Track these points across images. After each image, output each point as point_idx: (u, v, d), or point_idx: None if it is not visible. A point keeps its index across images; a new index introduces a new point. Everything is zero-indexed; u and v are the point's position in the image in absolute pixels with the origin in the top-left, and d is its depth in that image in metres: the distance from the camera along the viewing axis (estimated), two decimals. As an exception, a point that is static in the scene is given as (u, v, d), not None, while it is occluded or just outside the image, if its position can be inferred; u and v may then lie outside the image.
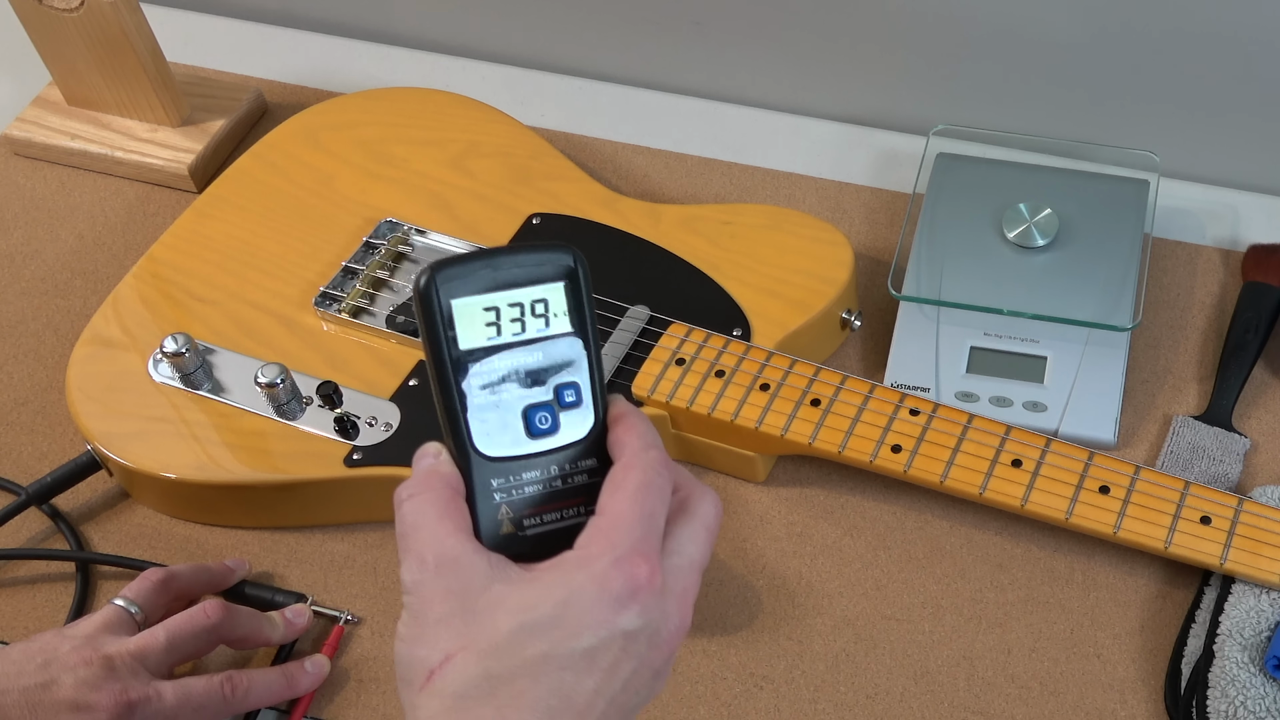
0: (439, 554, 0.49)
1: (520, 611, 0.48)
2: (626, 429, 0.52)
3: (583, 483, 0.52)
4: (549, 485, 0.52)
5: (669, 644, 0.49)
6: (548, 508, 0.52)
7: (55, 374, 0.91)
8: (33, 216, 1.01)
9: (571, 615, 0.47)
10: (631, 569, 0.48)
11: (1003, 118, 1.01)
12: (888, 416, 0.79)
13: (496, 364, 0.51)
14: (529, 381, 0.51)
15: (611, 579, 0.48)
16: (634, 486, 0.50)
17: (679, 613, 0.50)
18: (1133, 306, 0.85)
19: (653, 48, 1.07)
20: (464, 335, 0.50)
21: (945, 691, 0.75)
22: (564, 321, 0.52)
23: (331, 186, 0.95)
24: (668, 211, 0.91)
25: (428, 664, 0.48)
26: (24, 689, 0.66)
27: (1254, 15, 0.90)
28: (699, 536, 0.51)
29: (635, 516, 0.49)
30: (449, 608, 0.48)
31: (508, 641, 0.47)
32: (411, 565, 0.50)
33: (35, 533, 0.84)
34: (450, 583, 0.49)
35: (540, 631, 0.47)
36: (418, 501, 0.51)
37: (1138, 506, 0.75)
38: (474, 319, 0.50)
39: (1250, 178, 0.98)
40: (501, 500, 0.51)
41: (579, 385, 0.52)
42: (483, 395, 0.51)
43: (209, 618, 0.72)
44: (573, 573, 0.48)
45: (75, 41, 0.98)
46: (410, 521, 0.50)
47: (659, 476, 0.50)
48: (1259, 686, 0.70)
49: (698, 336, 0.83)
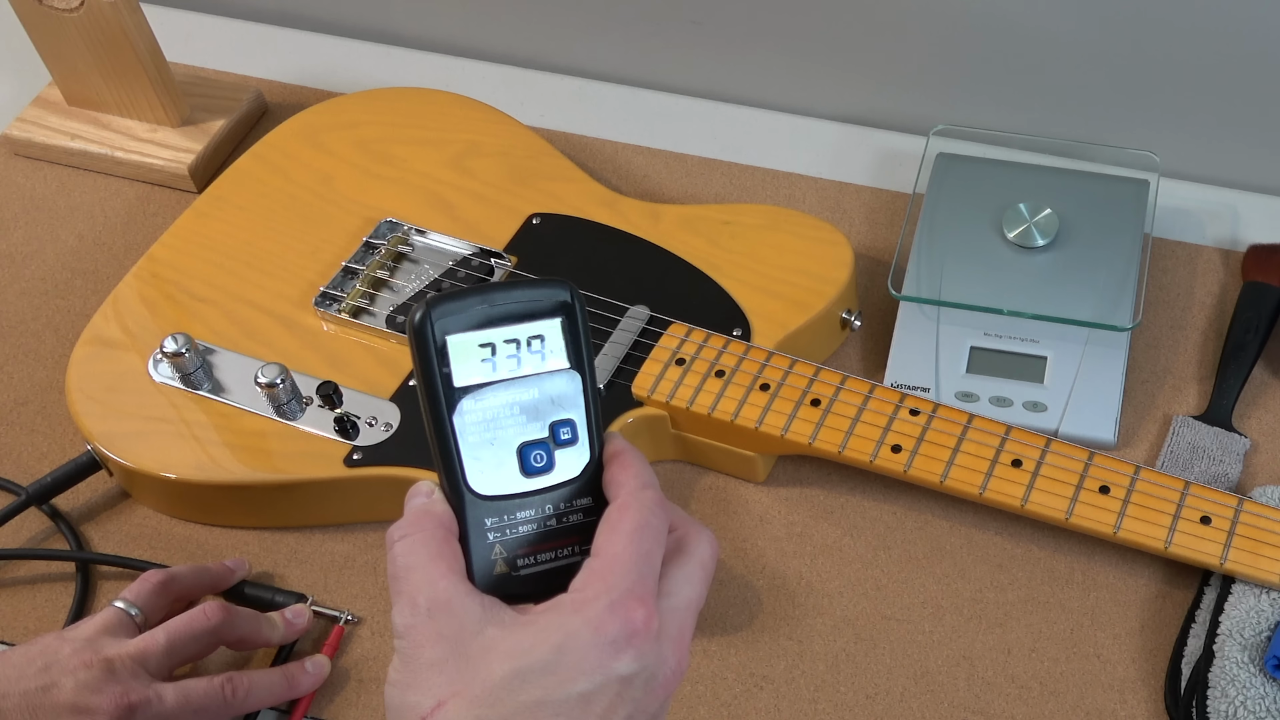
0: (431, 597, 0.48)
1: (514, 657, 0.47)
2: (622, 467, 0.51)
3: (578, 522, 0.51)
4: (544, 525, 0.51)
5: (665, 687, 0.49)
6: (542, 547, 0.51)
7: (55, 374, 0.91)
8: (33, 216, 1.01)
9: (566, 661, 0.46)
10: (627, 613, 0.47)
11: (1003, 118, 1.01)
12: (888, 416, 0.79)
13: (491, 400, 0.50)
14: (524, 418, 0.50)
15: (607, 623, 0.47)
16: (630, 528, 0.49)
17: (675, 655, 0.49)
18: (1133, 306, 0.85)
19: (653, 48, 1.07)
20: (459, 371, 0.49)
21: (945, 691, 0.75)
22: (560, 357, 0.51)
23: (331, 186, 0.95)
24: (668, 211, 0.91)
25: (419, 710, 0.47)
26: (24, 692, 0.66)
27: (1254, 15, 0.90)
28: (694, 577, 0.50)
29: (631, 559, 0.48)
30: (441, 652, 0.48)
31: (501, 687, 0.46)
32: (404, 609, 0.49)
33: (35, 533, 0.84)
34: (443, 627, 0.48)
35: (534, 678, 0.46)
36: (410, 542, 0.50)
37: (1138, 506, 0.75)
38: (469, 355, 0.49)
39: (1250, 178, 0.98)
40: (495, 540, 0.50)
41: (575, 422, 0.51)
42: (477, 432, 0.50)
43: (209, 619, 0.72)
44: (568, 617, 0.47)
45: (75, 41, 0.98)
46: (402, 563, 0.50)
47: (655, 517, 0.50)
48: (1259, 686, 0.70)
49: (698, 336, 0.83)
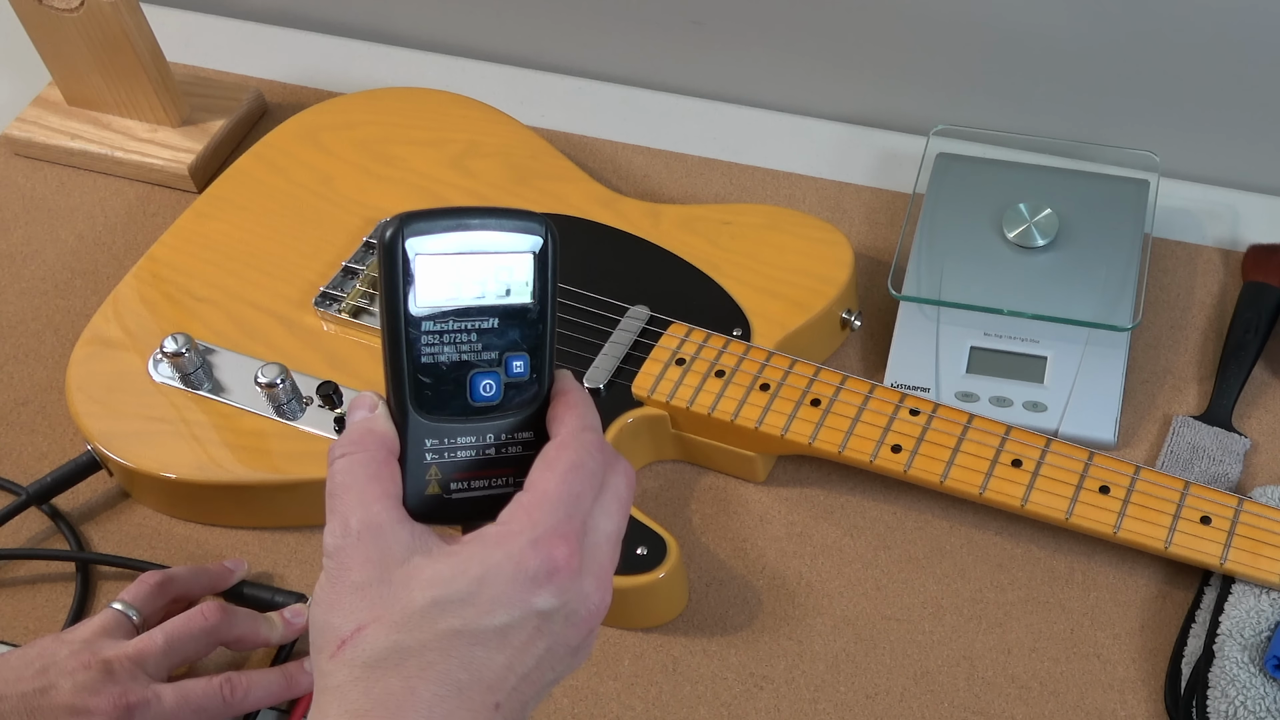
0: (363, 519, 0.49)
1: (435, 585, 0.48)
2: (568, 406, 0.52)
3: (516, 454, 0.52)
4: (482, 452, 0.51)
5: (587, 622, 0.50)
6: (478, 474, 0.51)
7: (55, 374, 0.91)
8: (33, 216, 1.01)
9: (486, 593, 0.47)
10: (550, 550, 0.48)
11: (1003, 118, 1.01)
12: (888, 416, 0.79)
13: (451, 324, 0.50)
14: (480, 346, 0.51)
15: (529, 559, 0.48)
16: (565, 466, 0.50)
17: (597, 591, 0.50)
18: (1133, 306, 0.85)
19: (653, 48, 1.07)
20: (423, 291, 0.49)
21: (945, 691, 0.75)
22: (525, 293, 0.51)
23: (331, 186, 0.95)
24: (668, 211, 0.91)
25: (340, 632, 0.48)
26: (22, 694, 0.66)
27: (1254, 15, 0.90)
28: (611, 509, 0.51)
29: (560, 496, 0.49)
30: (366, 575, 0.48)
31: (421, 615, 0.47)
32: (335, 528, 0.50)
33: (35, 533, 0.84)
34: (370, 551, 0.49)
35: (453, 607, 0.47)
36: (349, 461, 0.50)
37: (1138, 506, 0.75)
38: (435, 276, 0.49)
39: (1250, 178, 0.98)
40: (433, 460, 0.51)
41: (528, 358, 0.51)
42: (431, 354, 0.50)
43: (207, 619, 0.72)
44: (491, 549, 0.48)
45: (75, 41, 0.98)
46: (340, 480, 0.50)
47: (591, 459, 0.50)
48: (1259, 686, 0.70)
49: (698, 336, 0.83)
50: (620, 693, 0.76)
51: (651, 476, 0.84)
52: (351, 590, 0.49)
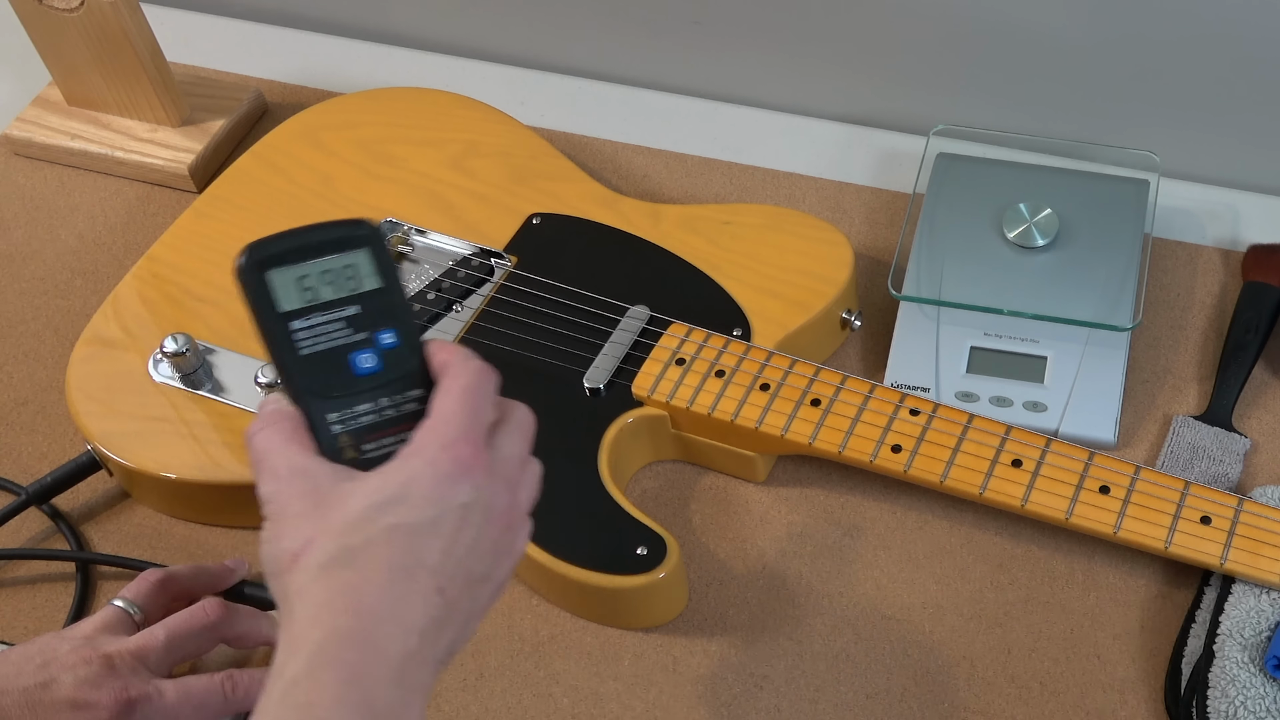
0: (289, 465, 0.55)
1: (368, 495, 0.53)
2: (448, 351, 0.58)
3: (413, 409, 0.57)
4: (381, 414, 0.57)
5: (502, 518, 0.56)
6: (384, 434, 0.57)
7: (55, 374, 0.91)
8: (33, 216, 1.01)
9: (413, 492, 0.53)
10: (457, 452, 0.54)
11: (1003, 118, 1.01)
12: (888, 416, 0.79)
13: (316, 319, 0.57)
14: (350, 330, 0.57)
15: (441, 461, 0.54)
16: (459, 389, 0.56)
17: (508, 495, 0.56)
18: (1133, 306, 0.85)
19: (653, 48, 1.07)
20: (284, 299, 0.56)
21: (945, 691, 0.75)
22: (374, 279, 0.58)
23: (331, 186, 0.95)
24: (668, 211, 0.91)
25: (291, 550, 0.53)
26: (24, 689, 0.66)
27: (1254, 15, 0.90)
28: (514, 435, 0.58)
29: (460, 413, 0.55)
30: (304, 505, 0.54)
31: (359, 518, 0.53)
32: (266, 480, 0.55)
33: (35, 533, 0.84)
34: (302, 486, 0.55)
35: (387, 508, 0.53)
36: (266, 433, 0.56)
37: (1138, 506, 0.75)
38: (289, 286, 0.56)
39: (1250, 178, 0.98)
40: (339, 430, 0.57)
41: (396, 328, 0.58)
42: (308, 345, 0.57)
43: (208, 616, 0.72)
44: (409, 459, 0.54)
45: (75, 41, 0.98)
46: (260, 448, 0.56)
47: (482, 380, 0.57)
48: (1259, 686, 0.70)
49: (698, 336, 0.83)
50: (620, 693, 0.76)
51: (651, 476, 0.84)
52: (293, 518, 0.54)
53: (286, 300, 0.57)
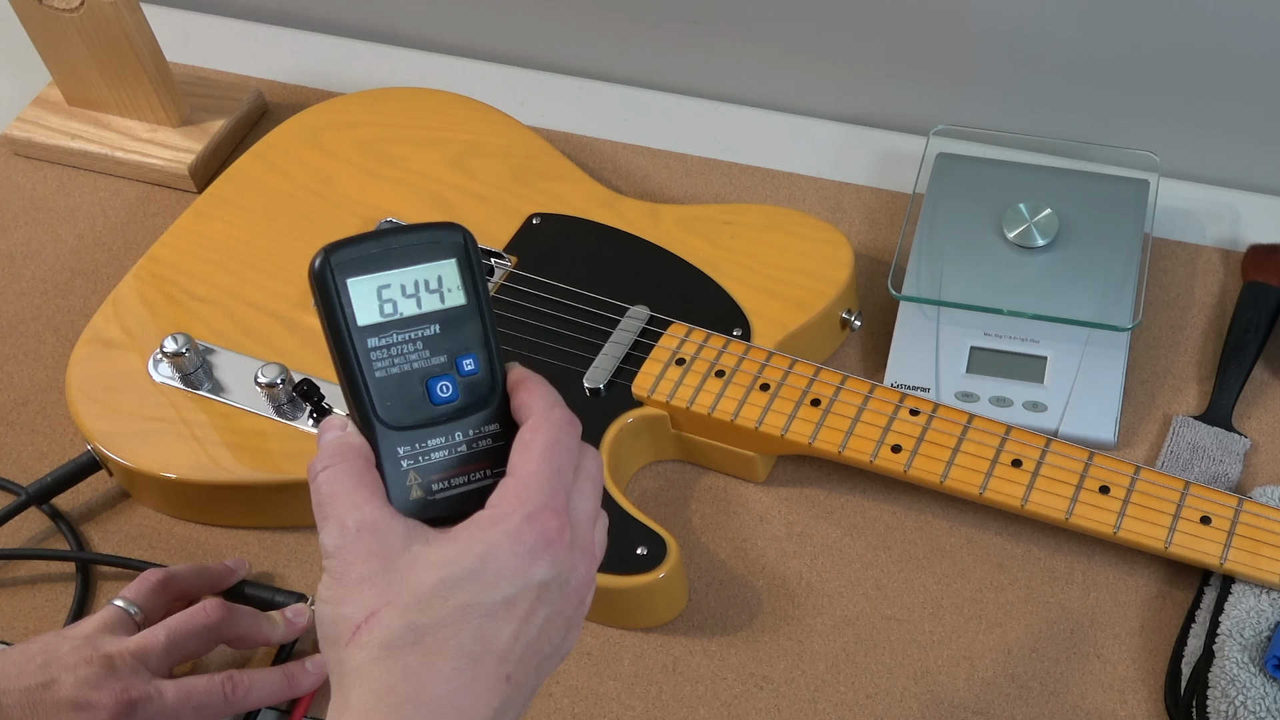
0: (358, 519, 0.51)
1: (440, 567, 0.50)
2: (529, 392, 0.54)
3: (488, 447, 0.54)
4: (454, 450, 0.53)
5: (577, 593, 0.53)
6: (455, 472, 0.53)
7: (55, 374, 0.91)
8: (33, 216, 1.01)
9: (489, 569, 0.50)
10: (543, 524, 0.51)
11: (1003, 118, 1.01)
12: (888, 416, 0.79)
13: (395, 337, 0.52)
14: (428, 352, 0.53)
15: (525, 534, 0.50)
16: (542, 446, 0.52)
17: (585, 564, 0.53)
18: (1133, 306, 0.85)
19: (653, 48, 1.07)
20: (361, 312, 0.52)
21: (945, 691, 0.75)
22: (458, 295, 0.53)
23: (331, 186, 0.95)
24: (668, 211, 0.91)
25: (353, 620, 0.50)
26: (24, 689, 0.66)
27: (1254, 15, 0.90)
28: (586, 489, 0.54)
29: (545, 474, 0.52)
30: (371, 568, 0.50)
31: (430, 594, 0.50)
32: (332, 531, 0.51)
33: (35, 533, 0.84)
34: (370, 545, 0.51)
35: (461, 584, 0.50)
36: (333, 472, 0.52)
37: (1138, 506, 0.75)
38: (369, 296, 0.52)
39: (1250, 178, 0.98)
40: (410, 466, 0.53)
41: (476, 355, 0.54)
42: (384, 367, 0.52)
43: (209, 617, 0.72)
44: (488, 530, 0.51)
45: (75, 41, 0.98)
46: (327, 491, 0.52)
47: (565, 435, 0.53)
48: (1259, 686, 0.70)
49: (698, 336, 0.83)
50: (620, 693, 0.76)
51: (651, 476, 0.84)
52: (358, 582, 0.50)
53: (365, 313, 0.52)
